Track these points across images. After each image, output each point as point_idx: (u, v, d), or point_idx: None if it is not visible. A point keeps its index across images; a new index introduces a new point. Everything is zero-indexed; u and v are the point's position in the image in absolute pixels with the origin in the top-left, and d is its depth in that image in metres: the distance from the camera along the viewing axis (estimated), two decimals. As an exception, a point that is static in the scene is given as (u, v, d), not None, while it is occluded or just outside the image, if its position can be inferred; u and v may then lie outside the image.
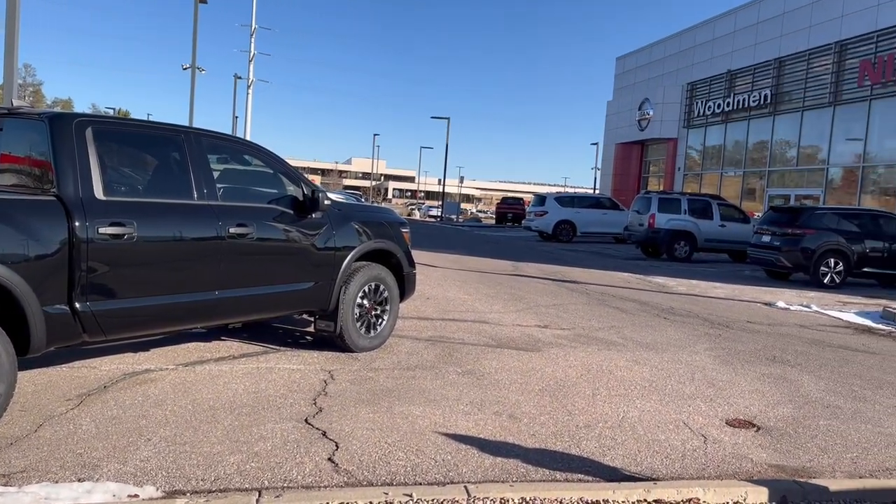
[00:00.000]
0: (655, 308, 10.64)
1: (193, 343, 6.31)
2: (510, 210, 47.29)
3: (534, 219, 28.44)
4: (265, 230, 5.50)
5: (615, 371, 6.33)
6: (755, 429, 4.93)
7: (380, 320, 6.49)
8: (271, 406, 4.71)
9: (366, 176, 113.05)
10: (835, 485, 3.80)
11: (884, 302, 12.49)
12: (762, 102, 27.31)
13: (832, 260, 15.13)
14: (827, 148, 24.41)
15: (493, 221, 51.38)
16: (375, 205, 14.97)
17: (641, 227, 21.41)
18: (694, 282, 14.93)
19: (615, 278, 14.76)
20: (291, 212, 5.76)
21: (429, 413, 4.77)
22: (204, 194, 5.10)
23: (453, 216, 55.21)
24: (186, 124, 6.03)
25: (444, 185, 56.40)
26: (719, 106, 30.01)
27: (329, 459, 3.87)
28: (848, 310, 11.72)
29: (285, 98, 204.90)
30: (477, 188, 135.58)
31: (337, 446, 4.06)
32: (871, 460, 4.44)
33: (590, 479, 3.85)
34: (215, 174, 5.37)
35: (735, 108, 28.96)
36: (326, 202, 5.85)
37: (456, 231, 35.98)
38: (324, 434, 4.24)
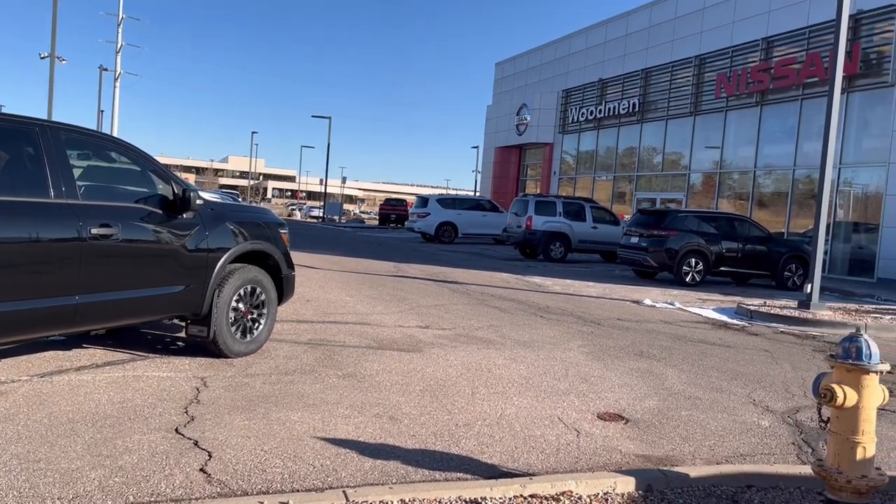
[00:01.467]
0: (533, 307, 10.96)
1: (51, 352, 5.87)
2: (393, 211, 47.32)
3: (416, 220, 28.63)
4: (131, 231, 5.20)
5: (494, 369, 6.46)
6: (624, 421, 5.17)
7: (256, 324, 6.30)
8: (138, 416, 4.46)
9: (244, 175, 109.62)
10: (694, 471, 4.04)
11: (738, 299, 13.48)
12: (631, 110, 28.80)
13: (693, 260, 16.17)
14: (689, 154, 26.08)
15: (377, 222, 51.23)
16: (252, 205, 14.56)
17: (519, 228, 22.02)
18: (569, 281, 15.51)
19: (495, 278, 15.09)
20: (160, 211, 5.48)
21: (307, 418, 4.67)
22: (62, 192, 4.75)
23: (336, 217, 54.57)
24: (44, 117, 5.59)
25: (325, 186, 55.63)
26: (592, 113, 31.37)
27: (201, 470, 3.70)
28: (707, 306, 12.56)
29: (157, 93, 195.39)
30: (360, 189, 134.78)
31: (210, 456, 3.90)
32: (727, 447, 4.77)
33: (469, 477, 3.90)
34: (76, 171, 5.02)
35: (606, 115, 30.37)
36: (199, 202, 5.61)
37: (338, 232, 35.59)
38: (195, 444, 4.06)
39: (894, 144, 18.10)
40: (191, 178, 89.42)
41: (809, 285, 12.00)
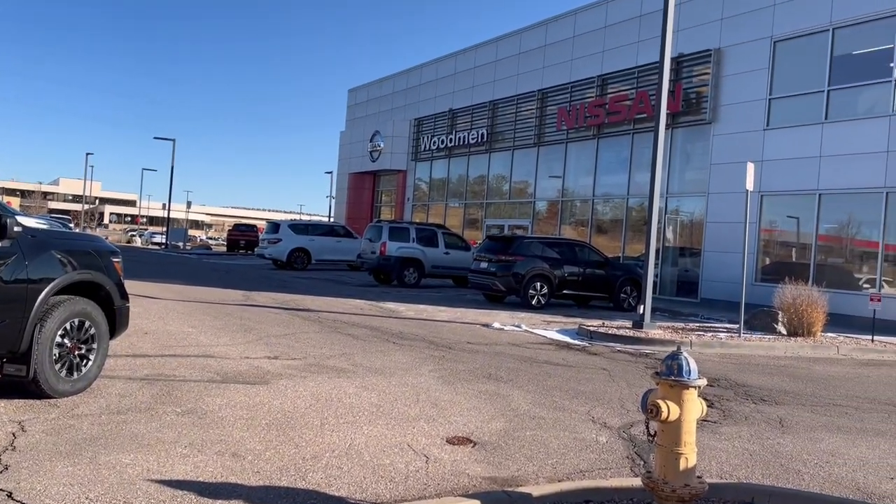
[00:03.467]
0: (386, 333, 10.96)
1: None
2: (243, 237, 45.74)
3: (267, 246, 27.86)
4: (-66, 261, 4.66)
5: (344, 399, 6.37)
6: (472, 444, 5.26)
7: (85, 361, 5.82)
8: (-62, 470, 3.97)
9: (77, 199, 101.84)
10: (537, 490, 4.18)
11: (579, 320, 14.21)
12: (480, 140, 29.79)
13: (538, 284, 16.90)
14: (534, 183, 27.32)
15: (225, 249, 49.28)
16: (82, 231, 13.53)
17: (374, 254, 22.02)
18: (422, 306, 15.67)
19: (348, 305, 14.96)
20: (-30, 239, 4.96)
21: (141, 460, 4.36)
22: None
23: (180, 243, 51.90)
24: None
25: (169, 210, 52.86)
26: (443, 142, 32.12)
27: (13, 526, 3.34)
28: (551, 328, 13.14)
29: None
30: (208, 214, 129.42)
31: (25, 510, 3.53)
32: (568, 464, 4.98)
33: (315, 512, 3.79)
34: None
35: (457, 144, 31.21)
36: (17, 228, 5.14)
37: (183, 259, 33.87)
38: (9, 496, 3.67)
39: (712, 177, 19.96)
40: (14, 203, 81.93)
41: (642, 306, 12.89)
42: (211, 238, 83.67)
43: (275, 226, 28.70)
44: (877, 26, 16.50)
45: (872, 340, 12.99)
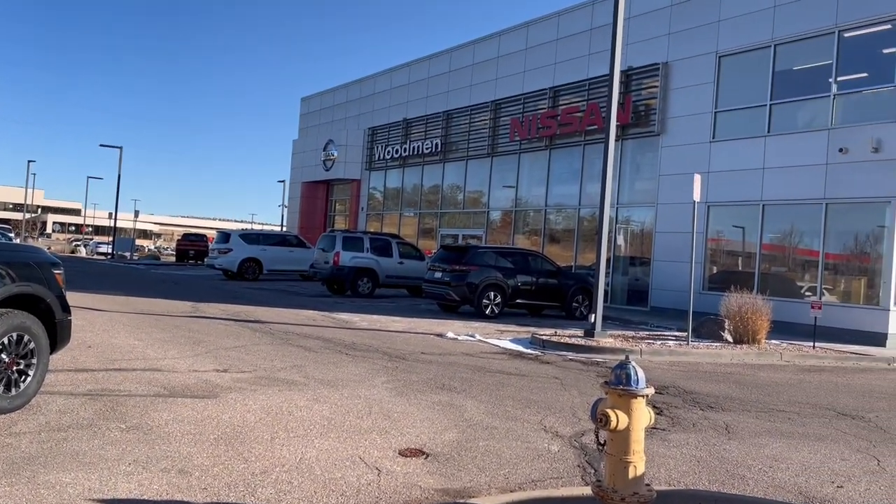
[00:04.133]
0: (339, 344, 10.86)
1: None
2: (192, 247, 44.87)
3: (218, 256, 27.37)
4: None
5: (295, 412, 6.28)
6: (425, 456, 5.24)
7: (24, 376, 5.62)
8: None
9: (18, 207, 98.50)
10: (488, 501, 4.19)
11: (532, 329, 14.32)
12: (434, 150, 29.87)
13: (492, 293, 16.99)
14: (488, 193, 27.49)
15: (174, 259, 48.26)
16: (22, 242, 13.07)
17: (327, 264, 21.83)
18: (376, 317, 15.59)
19: (301, 316, 14.79)
20: None
21: (82, 478, 4.22)
22: None
23: (127, 253, 50.65)
24: None
25: (115, 220, 51.55)
26: (397, 151, 32.11)
27: (-56, 552, 3.20)
28: (505, 338, 13.21)
29: None
30: (156, 223, 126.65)
31: (-44, 534, 3.39)
32: (520, 474, 5.00)
33: (264, 528, 3.73)
34: None
35: (411, 153, 31.23)
36: (-49, 240, 4.94)
37: (130, 270, 33.05)
38: (-61, 521, 3.51)
39: (661, 187, 20.38)
40: (-49, 211, 78.88)
41: (593, 315, 13.06)
42: (159, 248, 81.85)
43: (225, 235, 28.22)
44: (816, 43, 17.12)
45: (814, 347, 13.40)
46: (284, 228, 46.36)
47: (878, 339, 14.95)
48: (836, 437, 6.70)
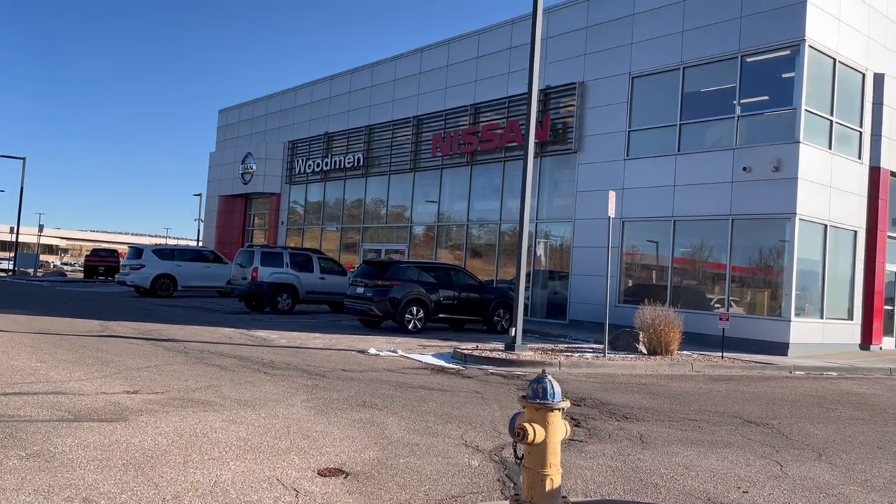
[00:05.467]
0: (256, 363, 10.61)
1: None
2: (102, 263, 43.02)
3: (129, 272, 26.31)
4: None
5: (210, 433, 6.09)
6: (344, 475, 5.17)
7: (-89, 403, 5.24)
8: None
9: None
10: (409, 519, 4.16)
11: (454, 344, 14.39)
12: (356, 164, 29.73)
13: (415, 308, 16.98)
14: (411, 208, 27.54)
15: (82, 275, 46.11)
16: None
17: (245, 280, 21.33)
18: (295, 333, 15.32)
19: (217, 334, 14.38)
20: None
21: (-25, 512, 3.97)
22: None
23: (30, 269, 48.07)
24: None
25: (17, 234, 48.88)
26: (319, 165, 31.78)
27: None
28: (427, 352, 13.21)
29: None
30: (63, 238, 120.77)
31: None
32: (441, 490, 4.99)
33: (175, 557, 3.58)
34: None
35: (333, 167, 30.97)
36: None
37: (33, 287, 31.36)
38: None
39: (578, 203, 20.92)
40: None
41: (514, 329, 13.23)
42: (66, 264, 78.14)
43: (137, 251, 27.19)
44: (721, 67, 18.01)
45: (722, 357, 13.99)
46: (201, 243, 45.08)
47: (781, 349, 15.75)
48: (742, 443, 7.00)
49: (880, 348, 18.40)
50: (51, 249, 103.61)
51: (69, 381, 8.18)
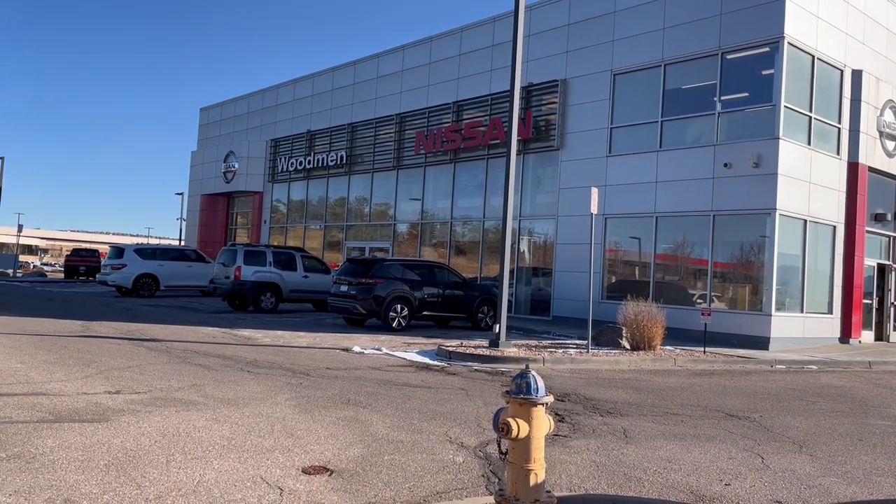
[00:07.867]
0: (240, 362, 10.56)
1: None
2: (83, 263, 42.55)
3: (111, 272, 26.06)
4: None
5: (193, 433, 6.06)
6: (329, 473, 5.16)
7: None
8: None
9: None
10: (394, 515, 4.17)
11: (439, 341, 14.40)
12: (339, 163, 29.63)
13: (399, 306, 16.96)
14: (394, 206, 27.50)
15: (63, 276, 45.62)
16: None
17: (228, 279, 21.20)
18: (279, 332, 15.26)
19: (200, 333, 14.29)
20: None
21: (-46, 515, 3.92)
22: None
23: (9, 270, 47.49)
24: None
25: (-3, 235, 48.29)
26: (301, 163, 31.64)
27: None
28: (412, 350, 13.21)
29: None
30: (43, 238, 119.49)
31: None
32: (426, 486, 5.00)
33: (158, 557, 3.57)
34: None
35: (315, 166, 30.85)
36: None
37: (12, 288, 30.97)
38: None
39: (561, 200, 20.99)
40: None
41: (498, 326, 13.27)
42: (46, 264, 77.28)
43: (119, 250, 26.92)
44: (701, 63, 18.13)
45: (704, 352, 14.11)
46: (183, 243, 44.74)
47: (762, 343, 15.91)
48: (724, 437, 7.07)
49: (859, 342, 18.64)
50: (30, 250, 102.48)
51: (50, 381, 8.09)
